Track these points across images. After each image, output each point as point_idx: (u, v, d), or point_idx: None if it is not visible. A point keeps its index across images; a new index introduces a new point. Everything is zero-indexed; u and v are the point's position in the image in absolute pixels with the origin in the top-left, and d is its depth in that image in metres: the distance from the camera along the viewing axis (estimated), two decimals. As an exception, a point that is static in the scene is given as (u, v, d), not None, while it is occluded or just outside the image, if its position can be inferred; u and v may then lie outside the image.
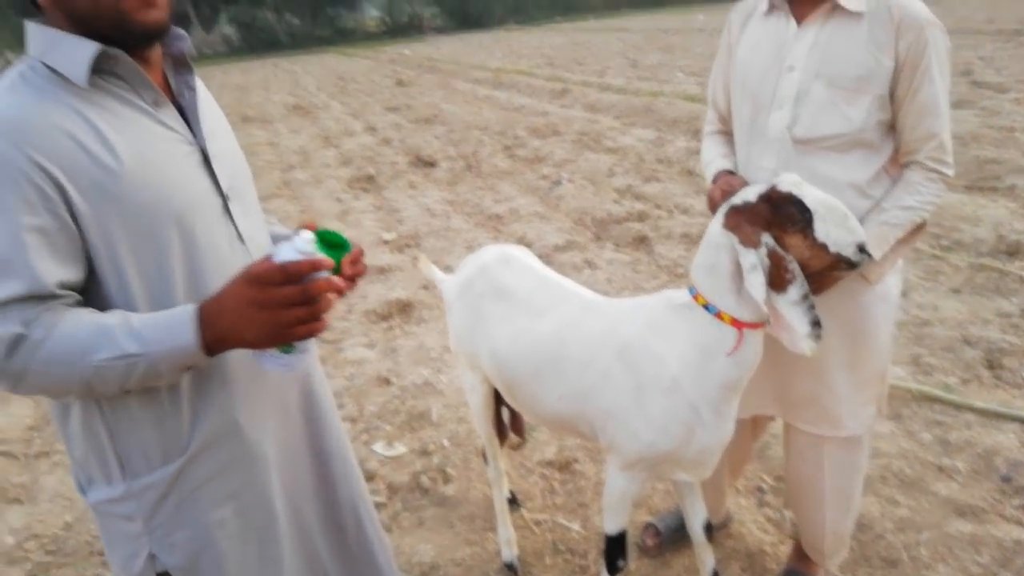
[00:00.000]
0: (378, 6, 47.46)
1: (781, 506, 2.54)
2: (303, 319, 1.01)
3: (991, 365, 3.19)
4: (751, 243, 1.52)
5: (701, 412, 1.68)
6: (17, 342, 0.98)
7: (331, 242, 1.22)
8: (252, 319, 1.00)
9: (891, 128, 1.71)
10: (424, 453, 3.03)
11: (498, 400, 2.31)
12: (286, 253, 1.01)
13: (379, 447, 3.09)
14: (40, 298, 1.00)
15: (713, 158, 1.99)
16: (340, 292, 1.07)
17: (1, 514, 2.89)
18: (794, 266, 1.50)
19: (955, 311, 3.63)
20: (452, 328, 2.22)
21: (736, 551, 2.38)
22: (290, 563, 1.33)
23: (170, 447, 1.16)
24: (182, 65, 1.22)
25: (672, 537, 2.40)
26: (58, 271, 1.01)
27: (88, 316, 1.03)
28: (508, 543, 2.42)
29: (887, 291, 1.82)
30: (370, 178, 7.70)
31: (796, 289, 1.50)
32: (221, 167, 1.21)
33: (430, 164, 8.01)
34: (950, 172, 1.70)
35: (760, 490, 2.66)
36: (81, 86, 1.04)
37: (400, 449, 3.07)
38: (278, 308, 1.00)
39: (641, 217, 5.48)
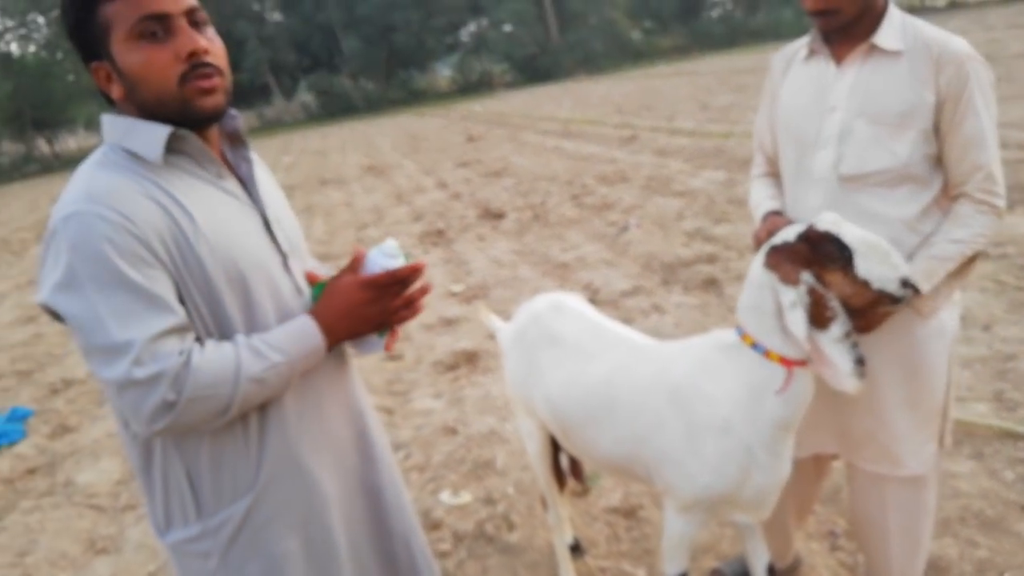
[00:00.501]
0: (449, 65, 49.30)
1: (855, 550, 2.44)
2: (401, 310, 1.32)
3: (1083, 400, 3.00)
4: (791, 281, 1.53)
5: (755, 452, 1.67)
6: (181, 372, 1.11)
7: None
8: (365, 316, 1.29)
9: (939, 162, 1.71)
10: (489, 501, 3.05)
11: (556, 446, 2.33)
12: (380, 259, 1.32)
13: (445, 496, 3.13)
14: (181, 330, 1.15)
15: (761, 200, 2.01)
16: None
17: (90, 564, 3.07)
18: (835, 304, 1.50)
19: (1043, 344, 3.44)
20: (508, 375, 2.27)
21: (807, 598, 2.30)
22: None
23: (240, 484, 1.27)
24: (236, 141, 1.35)
25: (739, 584, 2.34)
26: (181, 308, 1.16)
27: (224, 344, 1.19)
28: (570, 590, 2.41)
29: (942, 326, 1.78)
30: (440, 232, 7.92)
31: (838, 327, 1.49)
32: (279, 229, 1.35)
33: (498, 216, 8.19)
34: (1000, 203, 1.68)
35: (833, 534, 2.56)
36: (156, 163, 1.18)
37: (466, 497, 3.10)
38: (386, 306, 1.29)
39: (711, 259, 5.44)
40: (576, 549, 2.65)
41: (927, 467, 1.86)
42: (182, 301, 1.18)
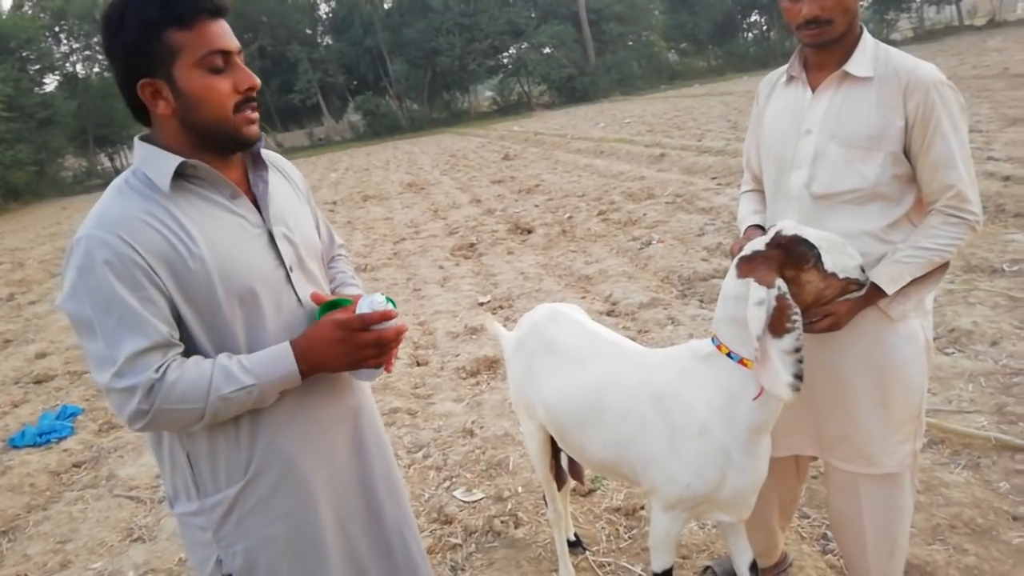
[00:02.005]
0: (490, 87, 49.99)
1: (844, 553, 2.52)
2: (374, 354, 1.39)
3: (1084, 414, 3.03)
4: (766, 283, 1.62)
5: (732, 454, 1.78)
6: (154, 385, 1.26)
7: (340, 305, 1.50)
8: (337, 353, 1.36)
9: (910, 181, 1.80)
10: (500, 499, 3.20)
11: (557, 447, 2.46)
12: (364, 306, 1.38)
13: (459, 493, 3.29)
14: (163, 348, 1.28)
15: (746, 215, 2.15)
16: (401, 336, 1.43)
17: (126, 551, 3.28)
18: (797, 318, 1.59)
19: (1050, 360, 3.47)
20: (510, 380, 2.43)
21: (794, 595, 2.39)
22: None
23: (232, 472, 1.41)
24: (259, 162, 1.49)
25: (729, 580, 2.44)
26: (167, 328, 1.30)
27: (204, 361, 1.31)
28: (567, 582, 2.54)
29: (913, 333, 1.86)
30: (471, 246, 8.14)
31: (791, 339, 1.58)
32: (285, 245, 1.46)
33: (528, 231, 8.38)
34: (972, 218, 1.76)
35: (825, 537, 2.64)
36: (164, 191, 1.33)
37: (478, 495, 3.26)
38: (356, 347, 1.36)
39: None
40: (576, 545, 2.78)
41: (902, 467, 1.93)
42: (179, 318, 1.32)
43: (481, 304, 5.96)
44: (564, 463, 2.59)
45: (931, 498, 2.68)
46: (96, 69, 42.21)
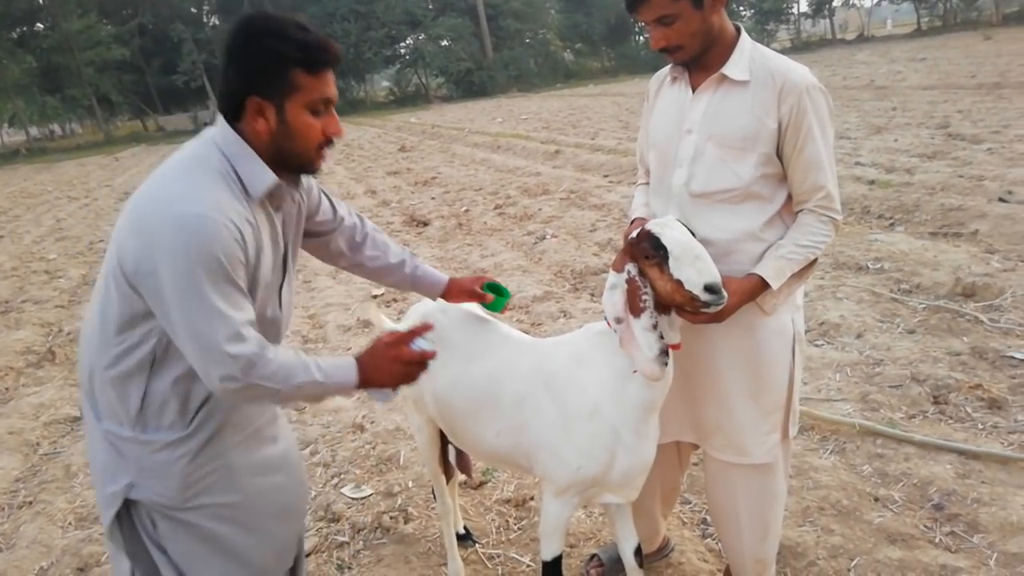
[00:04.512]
0: (387, 78, 49.23)
1: (722, 536, 2.62)
2: (416, 371, 1.61)
3: (936, 400, 3.29)
4: (616, 268, 1.76)
5: (622, 434, 1.83)
6: (255, 360, 1.41)
7: (497, 290, 2.06)
8: (394, 375, 1.58)
9: (781, 181, 1.89)
10: (389, 494, 3.14)
11: (445, 440, 2.44)
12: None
13: (348, 490, 3.21)
14: (253, 326, 1.44)
15: (637, 207, 2.19)
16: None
17: (-21, 560, 3.02)
18: (647, 298, 1.70)
19: (907, 351, 3.74)
20: (398, 372, 2.38)
21: (674, 579, 2.47)
22: None
23: (217, 408, 1.59)
24: (298, 182, 1.65)
25: (615, 567, 2.48)
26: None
27: (289, 350, 1.50)
28: (456, 575, 2.52)
29: (783, 327, 1.95)
30: (365, 238, 7.97)
31: (647, 317, 1.70)
32: (290, 260, 1.67)
33: (424, 223, 8.30)
34: (839, 217, 1.88)
35: (705, 522, 2.75)
36: (256, 199, 1.50)
37: (367, 491, 3.19)
38: (409, 372, 1.59)
39: (619, 269, 5.66)
40: (466, 537, 2.77)
41: (771, 457, 2.03)
42: None
43: (375, 296, 5.85)
44: (452, 457, 2.57)
45: (802, 482, 2.84)
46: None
